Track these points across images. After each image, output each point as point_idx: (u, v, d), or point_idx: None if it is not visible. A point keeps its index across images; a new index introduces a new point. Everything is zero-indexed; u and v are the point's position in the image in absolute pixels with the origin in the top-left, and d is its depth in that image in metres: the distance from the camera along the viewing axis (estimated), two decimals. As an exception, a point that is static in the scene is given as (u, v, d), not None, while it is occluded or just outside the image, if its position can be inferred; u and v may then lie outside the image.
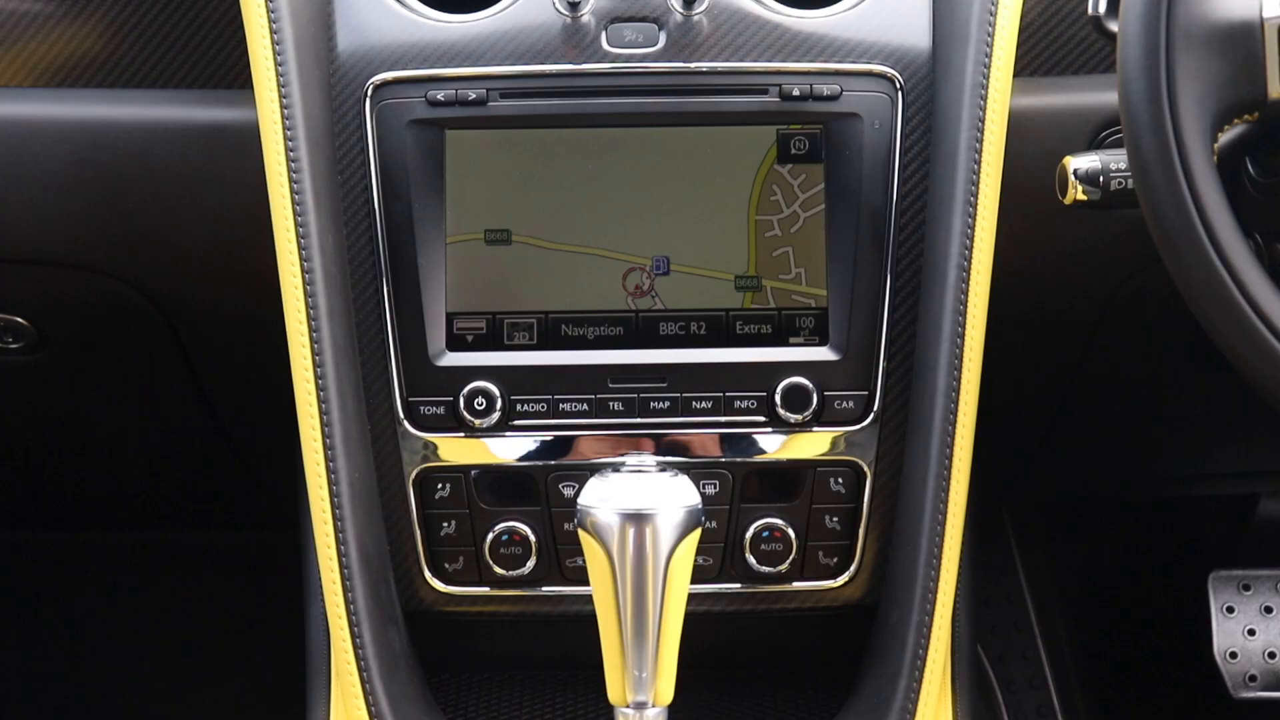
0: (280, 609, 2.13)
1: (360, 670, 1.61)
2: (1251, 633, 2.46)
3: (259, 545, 2.62)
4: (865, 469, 1.67)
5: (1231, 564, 2.50)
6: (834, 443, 1.67)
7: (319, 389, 1.60)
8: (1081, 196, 1.53)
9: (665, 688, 1.47)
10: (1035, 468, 2.31)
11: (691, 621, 1.51)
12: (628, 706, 1.47)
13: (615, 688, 1.47)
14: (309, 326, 1.60)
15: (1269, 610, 2.46)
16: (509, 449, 1.67)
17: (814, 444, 1.67)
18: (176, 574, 2.81)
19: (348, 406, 1.62)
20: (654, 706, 1.47)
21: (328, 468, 1.60)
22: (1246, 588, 2.49)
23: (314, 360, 1.60)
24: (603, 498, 1.45)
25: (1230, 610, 2.47)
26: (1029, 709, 2.60)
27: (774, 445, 1.67)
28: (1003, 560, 2.67)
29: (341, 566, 1.60)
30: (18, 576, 2.80)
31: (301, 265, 1.60)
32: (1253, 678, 2.44)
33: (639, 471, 1.52)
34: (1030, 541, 2.68)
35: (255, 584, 2.69)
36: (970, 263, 1.61)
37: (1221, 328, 1.36)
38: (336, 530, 1.60)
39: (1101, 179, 1.51)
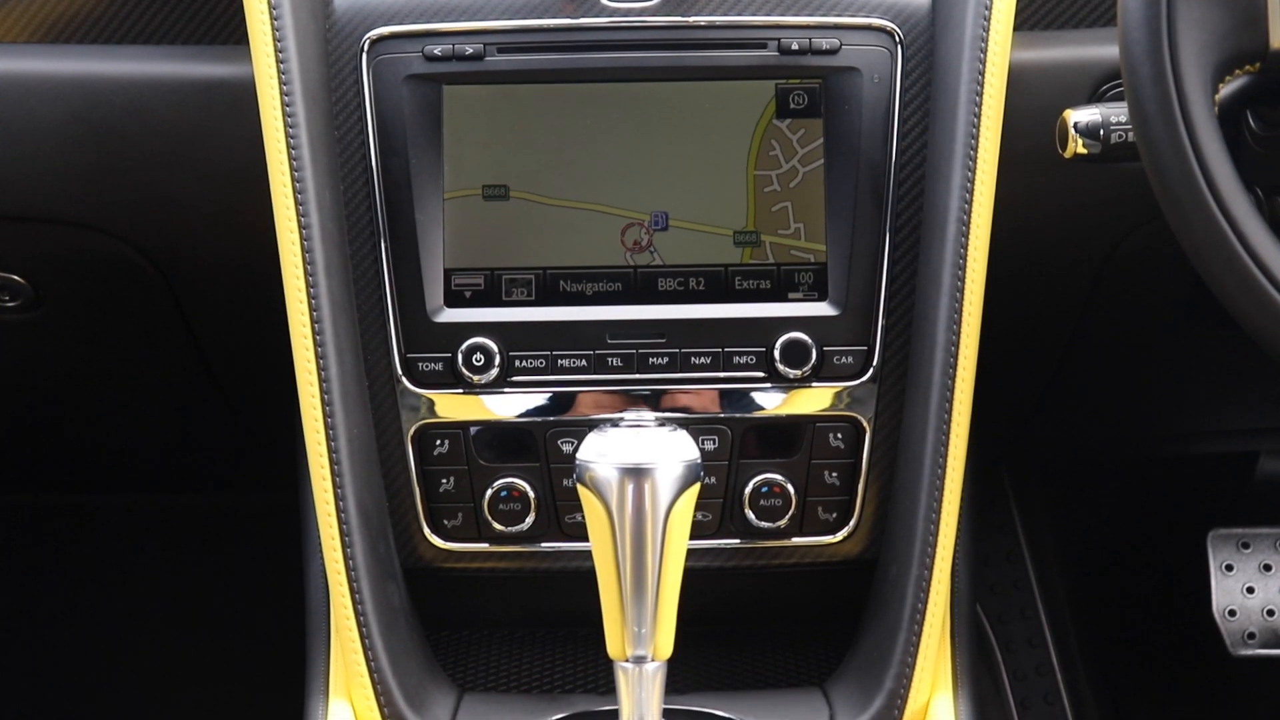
0: (279, 570, 2.14)
1: (360, 626, 1.61)
2: (1250, 591, 2.46)
3: (259, 508, 2.62)
4: (864, 424, 1.67)
5: (1231, 522, 2.50)
6: (833, 398, 1.67)
7: (317, 345, 1.60)
8: (1081, 150, 1.52)
9: (664, 642, 1.47)
10: (1034, 427, 2.30)
11: (690, 577, 1.51)
12: (627, 661, 1.47)
13: (614, 642, 1.47)
14: (306, 283, 1.59)
15: (1268, 568, 2.46)
16: (507, 405, 1.67)
17: (813, 399, 1.67)
18: (176, 537, 2.81)
19: (346, 362, 1.62)
20: (653, 661, 1.47)
21: (326, 424, 1.60)
22: (1246, 546, 2.49)
23: (312, 317, 1.60)
24: (601, 452, 1.45)
25: (1229, 568, 2.48)
26: (1028, 667, 2.60)
27: (773, 401, 1.67)
28: (1002, 520, 2.67)
29: (340, 522, 1.60)
30: (16, 539, 2.80)
31: (299, 221, 1.59)
32: (1251, 635, 2.44)
33: (638, 426, 1.51)
34: (1029, 501, 2.68)
35: (255, 546, 2.69)
36: (970, 217, 1.60)
37: (1222, 280, 1.35)
38: (335, 486, 1.60)
39: (1102, 132, 1.51)
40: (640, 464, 1.43)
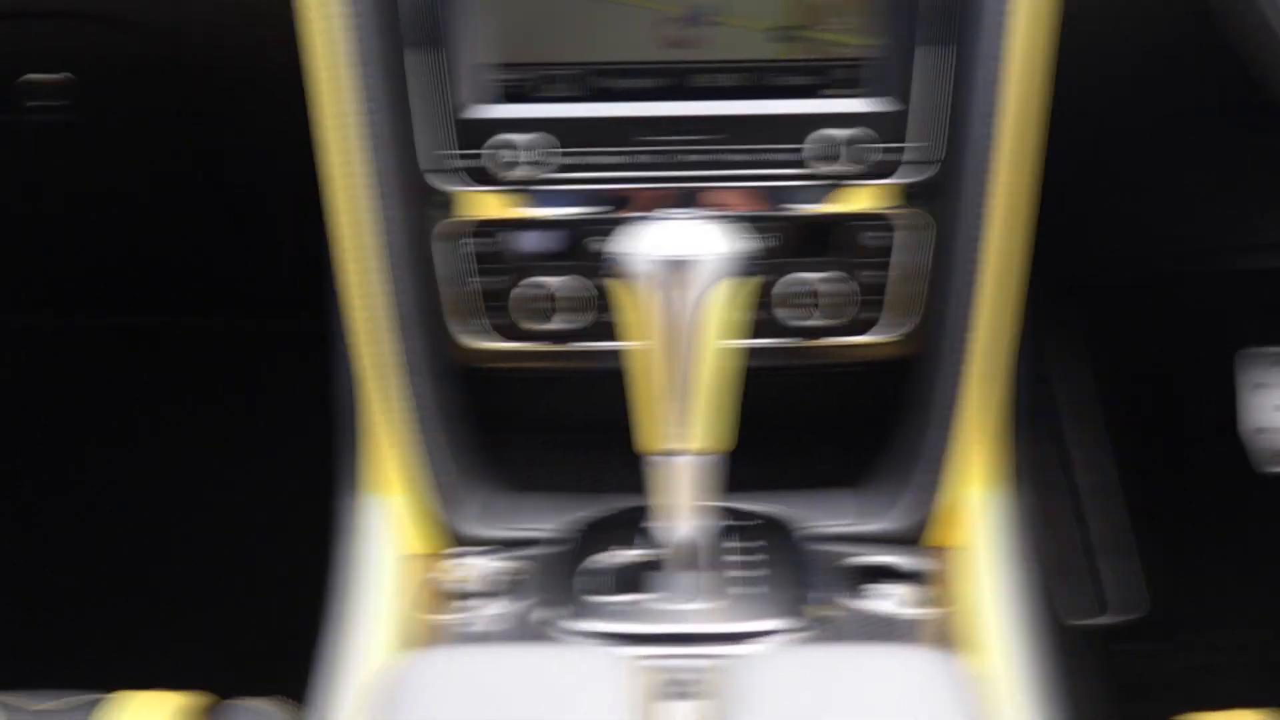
0: (305, 391, 2.13)
1: (389, 421, 1.60)
2: (1280, 409, 2.45)
3: (286, 331, 2.62)
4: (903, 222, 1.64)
5: (1263, 341, 2.49)
6: (872, 196, 1.64)
7: (348, 134, 1.56)
8: None
9: (698, 436, 1.46)
10: (1067, 243, 2.28)
11: (724, 376, 1.50)
12: (660, 454, 1.46)
13: (648, 436, 1.47)
14: (341, 73, 1.56)
15: (1298, 387, 2.46)
16: (538, 203, 1.64)
17: (851, 197, 1.64)
18: (207, 359, 2.82)
19: (377, 155, 1.59)
20: (686, 455, 1.47)
21: (357, 217, 1.57)
22: (1277, 365, 2.47)
23: (343, 108, 1.56)
24: (636, 245, 1.43)
25: (1260, 387, 2.47)
26: (1058, 489, 2.61)
27: (810, 199, 1.64)
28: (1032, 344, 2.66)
29: (370, 318, 1.59)
30: (45, 360, 2.81)
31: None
32: (1280, 453, 2.44)
33: (673, 220, 1.49)
34: (1061, 320, 2.67)
35: (285, 368, 2.69)
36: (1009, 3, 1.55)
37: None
38: (364, 282, 1.58)
39: None
40: (675, 256, 1.41)
